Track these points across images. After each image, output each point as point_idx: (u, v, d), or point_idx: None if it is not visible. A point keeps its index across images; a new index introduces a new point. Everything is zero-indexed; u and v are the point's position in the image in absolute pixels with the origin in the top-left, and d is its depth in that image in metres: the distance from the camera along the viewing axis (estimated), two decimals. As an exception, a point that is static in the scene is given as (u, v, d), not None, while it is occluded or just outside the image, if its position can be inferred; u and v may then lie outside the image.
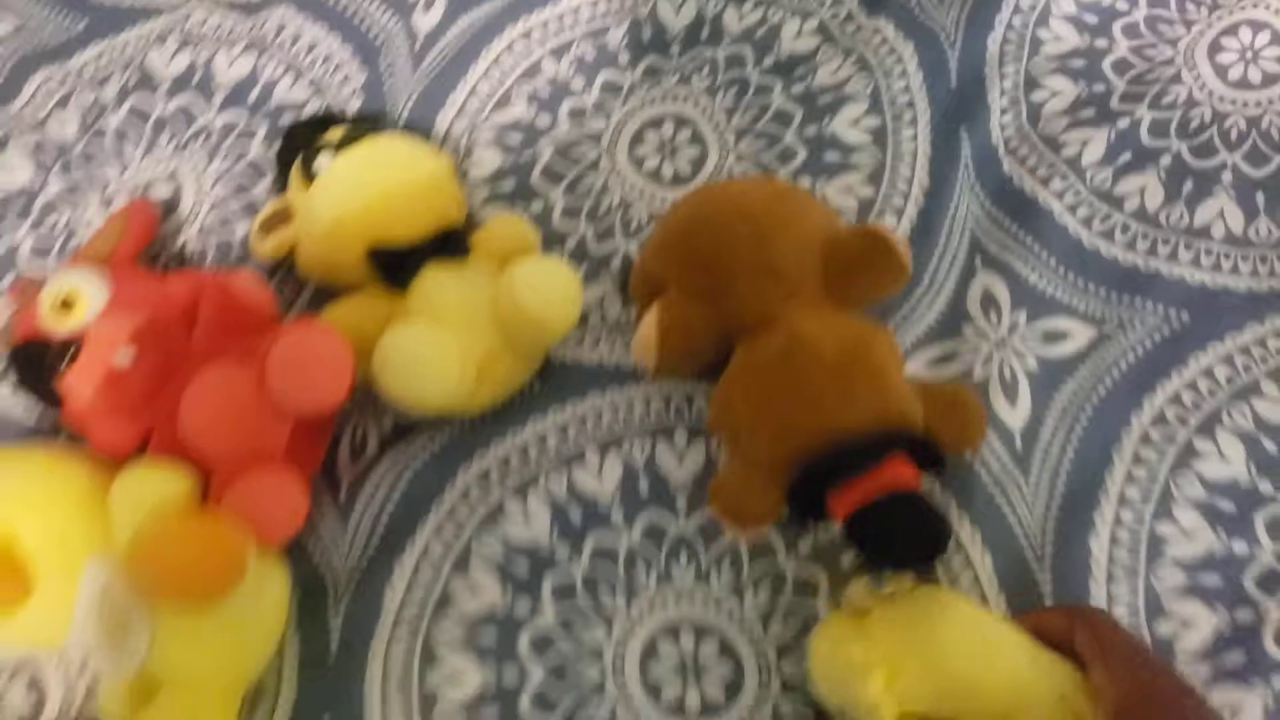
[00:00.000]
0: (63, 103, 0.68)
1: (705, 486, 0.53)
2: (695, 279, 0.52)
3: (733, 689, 0.50)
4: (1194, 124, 0.61)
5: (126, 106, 0.66)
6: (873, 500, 0.46)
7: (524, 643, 0.52)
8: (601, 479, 0.55)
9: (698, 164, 0.63)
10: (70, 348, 0.49)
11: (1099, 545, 0.51)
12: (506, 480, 0.55)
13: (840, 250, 0.52)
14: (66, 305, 0.51)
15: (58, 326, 0.51)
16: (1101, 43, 0.64)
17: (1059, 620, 0.44)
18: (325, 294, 0.59)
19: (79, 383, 0.48)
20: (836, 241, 0.52)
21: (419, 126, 0.64)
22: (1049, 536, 0.52)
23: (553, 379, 0.57)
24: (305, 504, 0.50)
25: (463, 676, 0.51)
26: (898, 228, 0.60)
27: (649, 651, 0.51)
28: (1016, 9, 0.65)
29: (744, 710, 0.50)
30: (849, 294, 0.52)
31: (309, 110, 0.65)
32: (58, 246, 0.63)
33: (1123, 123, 0.61)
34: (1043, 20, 0.65)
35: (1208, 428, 0.54)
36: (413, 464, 0.56)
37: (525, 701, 0.50)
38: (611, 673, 0.51)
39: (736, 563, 0.53)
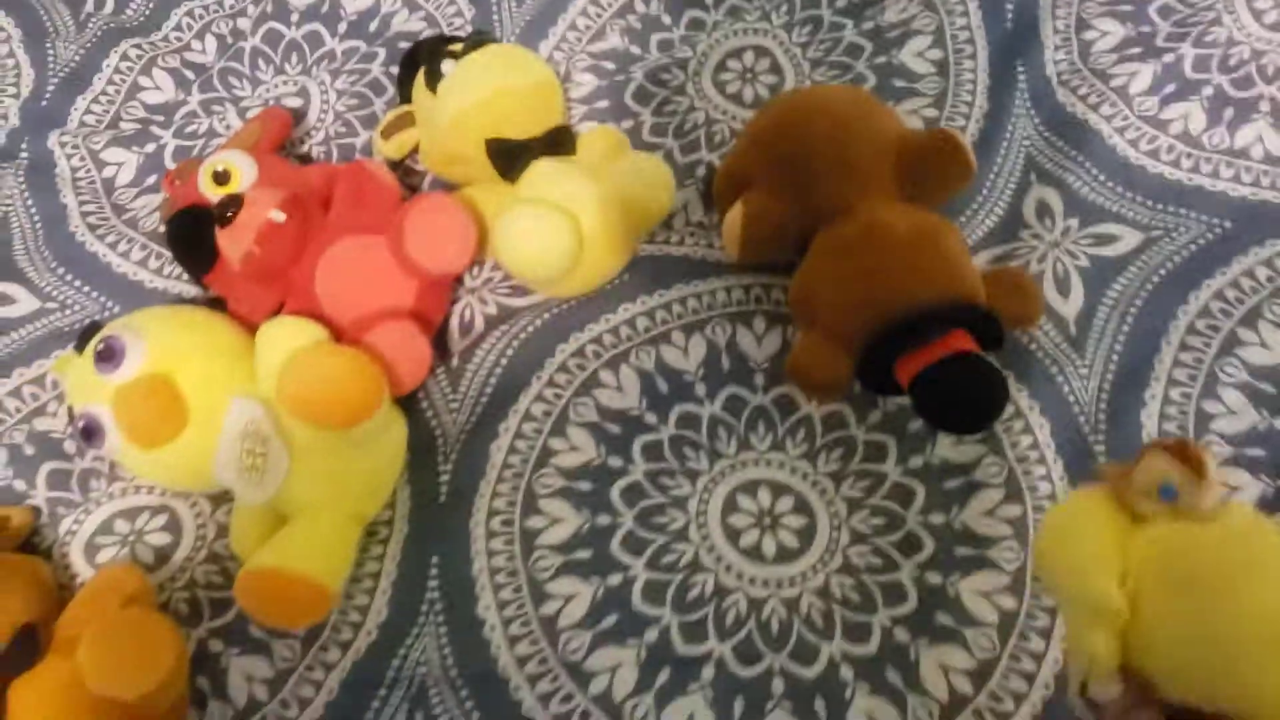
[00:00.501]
0: (202, 32, 0.76)
1: (782, 366, 0.59)
2: (779, 173, 0.58)
3: (806, 539, 0.55)
4: (1233, 60, 0.66)
5: (261, 32, 0.74)
6: (938, 361, 0.51)
7: (615, 492, 0.57)
8: (687, 356, 0.60)
9: (775, 89, 0.69)
10: (229, 207, 0.55)
11: (1150, 419, 0.56)
12: (601, 355, 0.61)
13: (914, 147, 0.57)
14: (221, 179, 0.58)
15: (217, 194, 0.57)
16: (1148, -10, 0.70)
17: None
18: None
19: (240, 234, 0.54)
20: (910, 140, 0.58)
21: (523, 53, 0.70)
22: (1103, 409, 0.56)
23: (641, 272, 0.63)
24: (430, 353, 0.56)
25: (560, 520, 0.56)
26: (960, 145, 0.65)
27: (729, 504, 0.56)
28: (1069, -40, 0.71)
29: (816, 557, 0.54)
30: (920, 189, 0.57)
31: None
32: (198, 149, 0.70)
33: (1168, 58, 0.67)
34: (1093, -30, 0.71)
35: (1250, 320, 0.58)
36: (516, 340, 0.62)
37: (616, 542, 0.55)
38: (695, 520, 0.56)
39: (810, 431, 0.58)
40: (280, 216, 0.55)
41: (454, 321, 0.63)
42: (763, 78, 0.69)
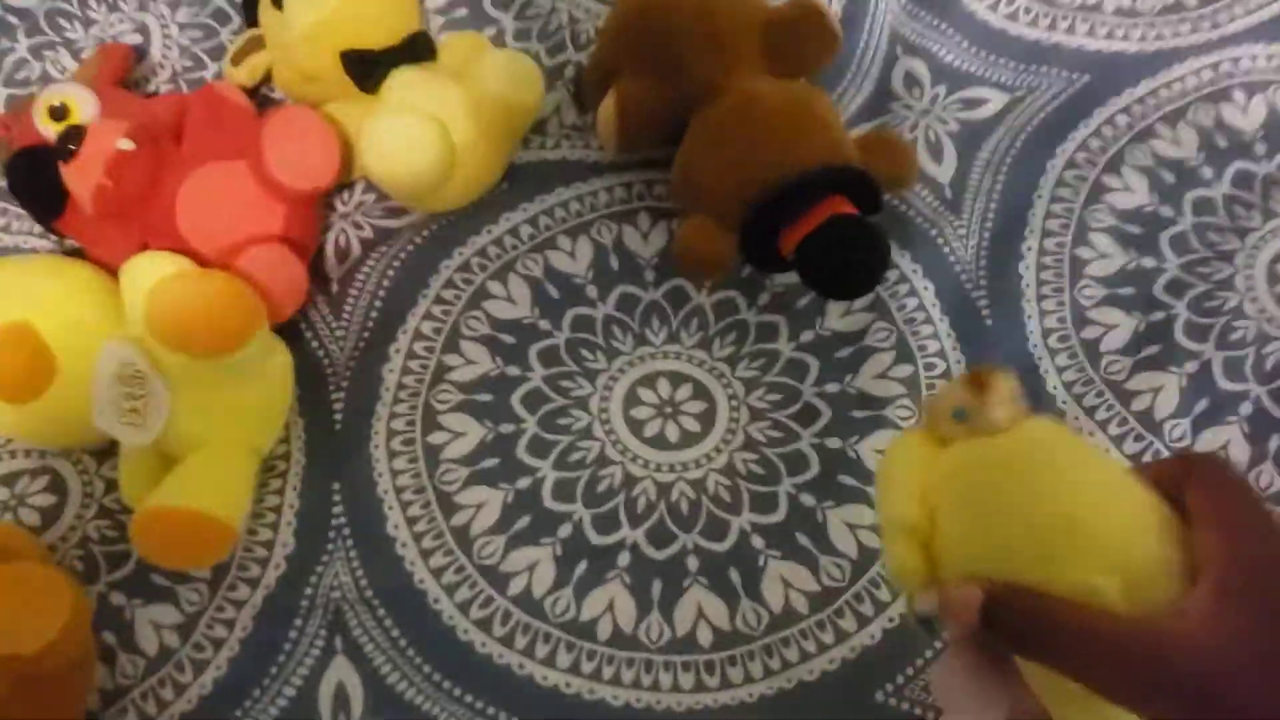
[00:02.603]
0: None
1: (669, 261, 0.59)
2: (647, 58, 0.57)
3: (707, 422, 0.55)
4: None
5: (88, -30, 0.69)
6: (820, 226, 0.52)
7: (516, 400, 0.56)
8: (575, 259, 0.60)
9: (639, -17, 0.67)
10: (71, 140, 0.52)
11: (1028, 270, 0.58)
12: (488, 267, 0.59)
13: (779, 21, 0.57)
14: (58, 114, 0.54)
15: (55, 130, 0.54)
16: None
17: (1170, 470, 0.35)
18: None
19: (87, 167, 0.51)
20: (775, 14, 0.57)
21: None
22: (983, 265, 0.58)
23: (520, 179, 0.62)
24: (304, 275, 0.54)
25: (463, 434, 0.55)
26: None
27: (631, 398, 0.56)
28: None
29: (718, 438, 0.55)
30: (788, 62, 0.57)
31: (267, -40, 0.68)
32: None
33: (1019, -79, 0.68)
34: None
35: (1113, 166, 0.61)
36: (397, 261, 0.60)
37: (521, 447, 0.55)
38: (598, 417, 0.56)
39: (704, 321, 0.58)
40: (129, 145, 0.52)
41: (329, 249, 0.61)
42: (625, -27, 0.68)
